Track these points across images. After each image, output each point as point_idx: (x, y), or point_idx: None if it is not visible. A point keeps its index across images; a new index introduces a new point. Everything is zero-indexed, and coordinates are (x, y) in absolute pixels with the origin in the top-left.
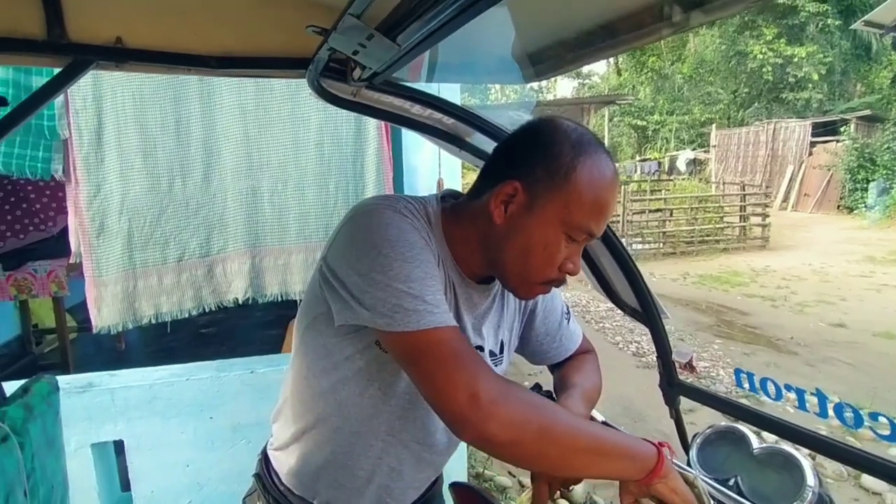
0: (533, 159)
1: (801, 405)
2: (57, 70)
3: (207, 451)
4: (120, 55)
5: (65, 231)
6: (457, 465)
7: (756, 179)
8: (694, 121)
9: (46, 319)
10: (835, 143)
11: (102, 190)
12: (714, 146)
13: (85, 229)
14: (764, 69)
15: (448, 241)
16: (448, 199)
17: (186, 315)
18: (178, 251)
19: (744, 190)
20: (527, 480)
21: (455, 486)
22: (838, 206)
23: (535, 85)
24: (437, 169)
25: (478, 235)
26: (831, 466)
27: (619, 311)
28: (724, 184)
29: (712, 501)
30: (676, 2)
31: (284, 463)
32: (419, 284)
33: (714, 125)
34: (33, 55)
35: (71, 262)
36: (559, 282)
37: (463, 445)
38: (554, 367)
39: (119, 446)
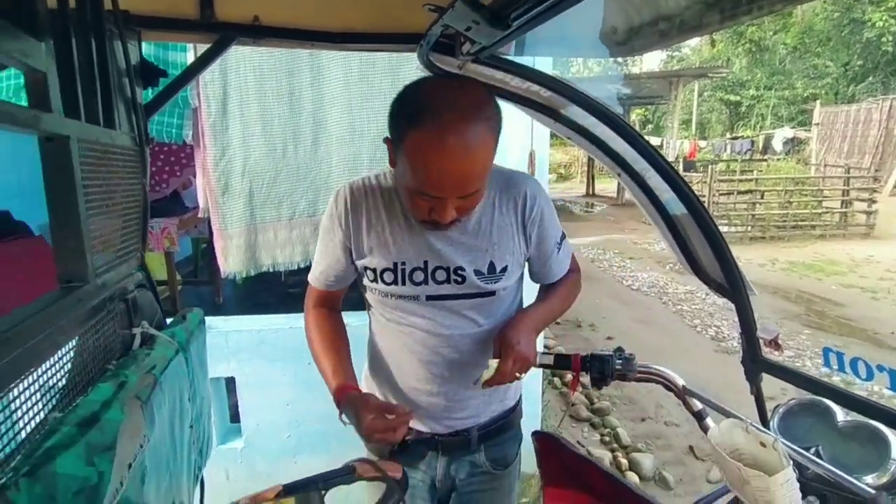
0: (390, 122)
1: (894, 386)
2: (203, 46)
3: (305, 392)
4: (258, 32)
5: (176, 193)
6: (532, 423)
7: (864, 162)
8: (795, 96)
9: (157, 272)
10: None
11: (227, 154)
12: (817, 124)
13: (212, 188)
14: (883, 39)
15: None
16: None
17: (296, 267)
18: (290, 210)
19: (848, 173)
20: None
21: (537, 435)
22: None
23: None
24: (529, 142)
25: None
26: None
27: (698, 295)
28: (825, 166)
29: (790, 461)
30: None
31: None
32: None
33: (818, 101)
34: (187, 33)
35: (199, 216)
36: (436, 224)
37: (538, 398)
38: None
39: (230, 383)
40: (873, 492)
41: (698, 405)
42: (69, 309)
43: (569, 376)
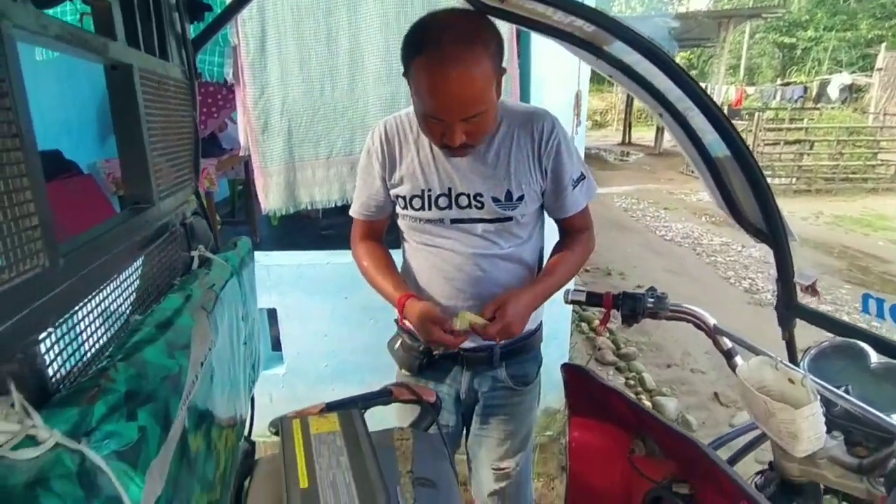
0: (402, 55)
1: None
2: None
3: (342, 325)
4: None
5: (213, 135)
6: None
7: None
8: (858, 38)
9: None
10: None
11: (265, 92)
12: (879, 70)
13: (252, 127)
14: None
15: None
16: None
17: (333, 205)
18: (328, 149)
19: None
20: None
21: (566, 367)
22: None
23: None
24: (575, 83)
25: None
26: None
27: (733, 247)
28: (885, 115)
29: (818, 396)
30: None
31: None
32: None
33: (884, 45)
34: None
35: (240, 154)
36: (450, 148)
37: (566, 328)
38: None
39: (272, 315)
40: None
41: (728, 344)
42: (139, 227)
43: (597, 321)
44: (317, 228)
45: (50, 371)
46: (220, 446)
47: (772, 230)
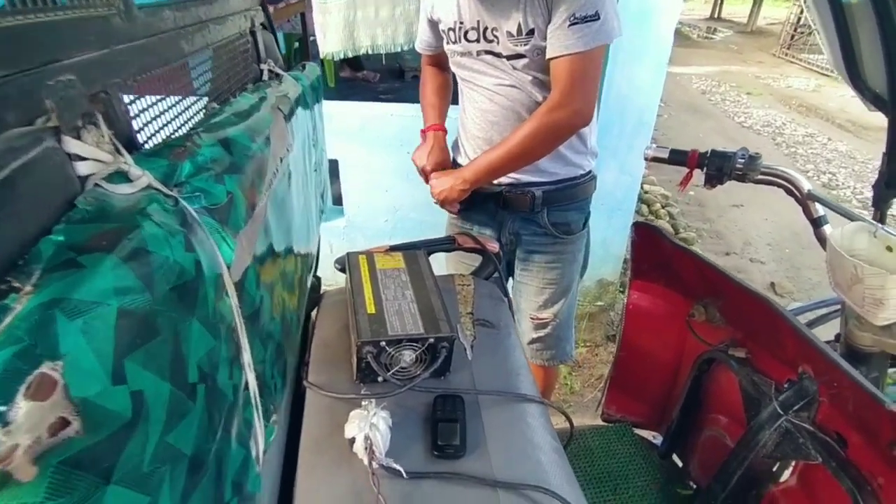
0: None
1: None
2: None
3: (403, 181)
4: None
5: None
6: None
7: None
8: None
9: None
10: None
11: None
12: None
13: None
14: None
15: None
16: None
17: (399, 49)
18: None
19: None
20: None
21: (637, 225)
22: None
23: None
24: None
25: None
26: None
27: (818, 139)
28: None
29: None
30: None
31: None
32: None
33: None
34: None
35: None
36: None
37: (632, 200)
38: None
39: (334, 167)
40: None
41: (819, 212)
42: (207, 13)
43: (658, 204)
44: (375, 92)
45: (135, 125)
46: (300, 256)
47: (895, 91)
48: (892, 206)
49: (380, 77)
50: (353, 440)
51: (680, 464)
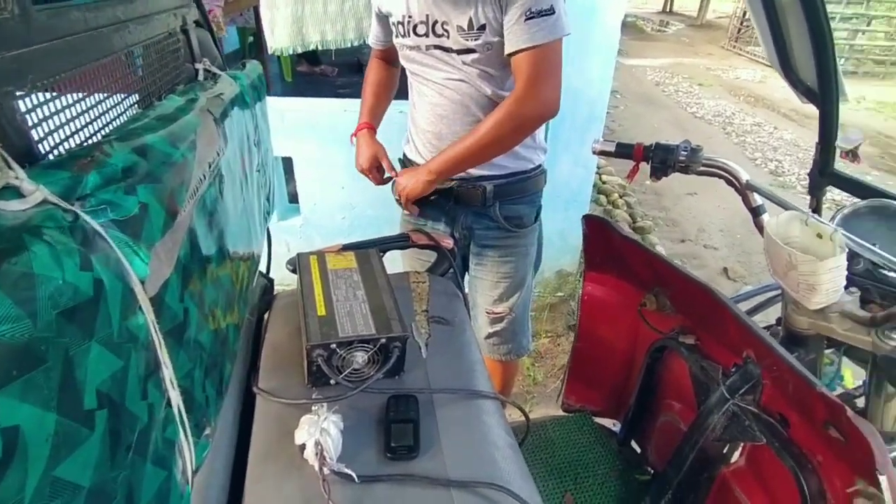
0: None
1: None
2: None
3: (359, 177)
4: None
5: None
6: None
7: None
8: None
9: None
10: None
11: None
12: None
13: None
14: None
15: None
16: None
17: (349, 44)
18: None
19: None
20: None
21: (587, 218)
22: None
23: None
24: None
25: None
26: None
27: (765, 128)
28: None
29: (845, 250)
30: None
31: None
32: None
33: None
34: None
35: None
36: None
37: (587, 192)
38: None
39: (288, 164)
40: None
41: (757, 201)
42: (127, 11)
43: (616, 194)
44: (333, 87)
45: (35, 135)
46: (238, 262)
47: (823, 85)
48: (827, 192)
49: (338, 71)
50: (303, 446)
51: (638, 450)
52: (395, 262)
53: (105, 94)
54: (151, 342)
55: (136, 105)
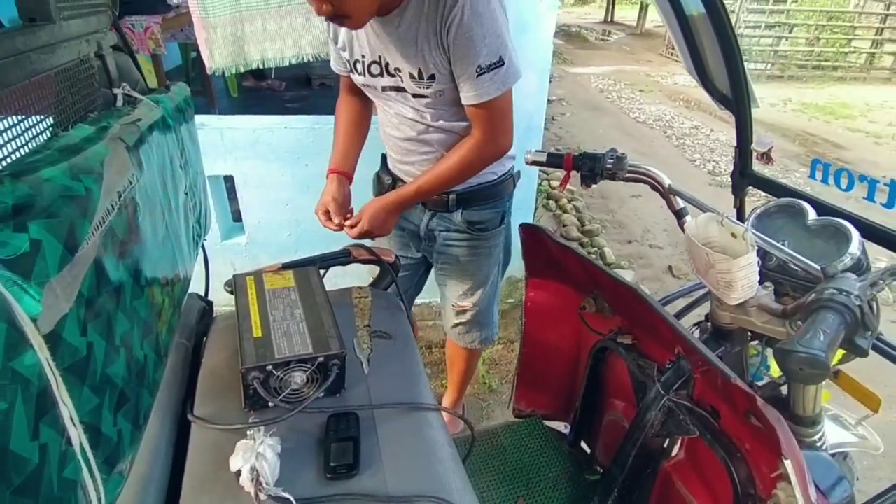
0: None
1: (871, 196)
2: None
3: (304, 193)
4: None
5: None
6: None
7: None
8: None
9: (147, 79)
10: None
11: None
12: None
13: None
14: None
15: None
16: None
17: (287, 63)
18: None
19: (888, 9)
20: None
21: (524, 226)
22: None
23: None
24: None
25: None
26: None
27: (702, 131)
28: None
29: (756, 247)
30: None
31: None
32: None
33: None
34: None
35: (177, 2)
36: (328, 16)
37: (531, 199)
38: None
39: (230, 183)
40: (818, 267)
41: (680, 204)
42: (36, 44)
43: (565, 199)
44: (281, 101)
45: None
46: (157, 289)
47: (736, 94)
48: (748, 193)
49: (286, 86)
50: (239, 473)
51: (588, 450)
52: (360, 274)
53: (2, 127)
54: (46, 381)
55: (40, 136)
